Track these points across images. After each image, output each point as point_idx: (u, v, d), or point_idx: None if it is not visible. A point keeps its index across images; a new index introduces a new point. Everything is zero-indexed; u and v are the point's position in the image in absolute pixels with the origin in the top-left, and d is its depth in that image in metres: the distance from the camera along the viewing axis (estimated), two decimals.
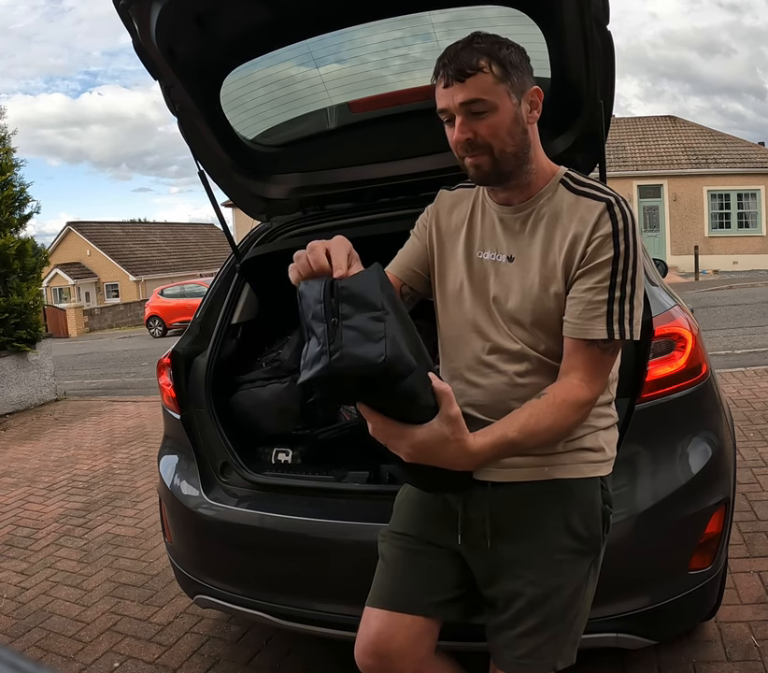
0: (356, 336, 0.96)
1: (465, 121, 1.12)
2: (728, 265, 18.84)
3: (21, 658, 0.40)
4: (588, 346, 1.13)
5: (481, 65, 1.09)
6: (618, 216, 1.12)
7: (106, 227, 33.46)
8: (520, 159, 1.16)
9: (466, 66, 1.09)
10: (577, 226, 1.14)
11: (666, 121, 22.18)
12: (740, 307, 10.10)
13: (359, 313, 0.98)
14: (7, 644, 2.33)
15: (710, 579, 1.61)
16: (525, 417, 1.08)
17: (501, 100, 1.11)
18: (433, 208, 1.36)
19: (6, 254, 6.81)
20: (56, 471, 4.50)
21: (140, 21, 1.63)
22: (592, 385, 1.13)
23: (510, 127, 1.12)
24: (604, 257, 1.11)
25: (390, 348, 0.95)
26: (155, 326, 17.73)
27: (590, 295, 1.12)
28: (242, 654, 2.17)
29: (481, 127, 1.11)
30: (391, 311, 0.99)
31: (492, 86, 1.10)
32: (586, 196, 1.16)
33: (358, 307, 0.99)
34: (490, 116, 1.11)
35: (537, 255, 1.17)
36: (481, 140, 1.12)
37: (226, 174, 2.21)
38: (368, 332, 0.96)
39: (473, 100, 1.10)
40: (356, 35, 1.92)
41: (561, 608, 1.18)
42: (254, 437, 2.15)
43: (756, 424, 3.81)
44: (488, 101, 1.10)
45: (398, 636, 1.23)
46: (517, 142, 1.14)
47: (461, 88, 1.10)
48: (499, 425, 1.08)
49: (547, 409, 1.09)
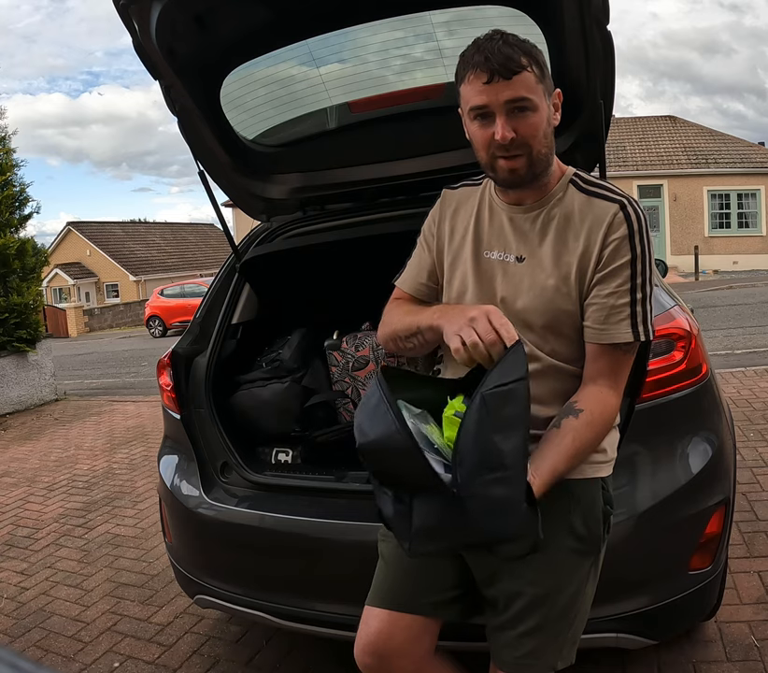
0: (484, 507, 0.89)
1: (508, 119, 1.09)
2: (728, 265, 18.83)
3: (21, 658, 0.40)
4: (614, 350, 1.14)
5: (524, 64, 1.06)
6: (632, 217, 1.13)
7: (107, 227, 33.43)
8: (549, 161, 1.16)
9: (513, 64, 1.05)
10: (591, 228, 1.14)
11: (666, 120, 22.16)
12: (740, 307, 10.09)
13: (478, 478, 0.89)
14: (7, 644, 2.33)
15: (710, 580, 1.61)
16: (570, 443, 1.08)
17: (540, 100, 1.09)
18: (438, 212, 1.34)
19: (6, 254, 6.81)
20: (56, 471, 4.50)
21: (140, 20, 1.63)
22: (619, 389, 1.16)
23: (545, 128, 1.12)
24: (622, 260, 1.12)
25: (521, 517, 0.90)
26: (155, 326, 17.72)
27: (612, 300, 1.13)
28: (242, 654, 2.17)
29: (523, 126, 1.09)
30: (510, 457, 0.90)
31: (535, 85, 1.08)
32: (597, 197, 1.17)
33: (473, 470, 0.90)
34: (531, 115, 1.09)
35: (549, 256, 1.17)
36: (521, 140, 1.10)
37: (226, 174, 2.21)
38: (496, 503, 0.89)
39: (521, 98, 1.07)
40: (356, 35, 1.91)
41: (561, 608, 1.18)
42: (254, 437, 2.15)
43: (756, 424, 3.81)
44: (533, 100, 1.08)
45: (398, 635, 1.23)
46: (548, 143, 1.14)
47: (506, 85, 1.06)
48: (549, 460, 1.07)
49: (588, 429, 1.10)
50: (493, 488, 0.89)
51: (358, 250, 2.14)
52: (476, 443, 0.91)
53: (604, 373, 1.15)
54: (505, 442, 0.90)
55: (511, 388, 0.93)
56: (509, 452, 0.90)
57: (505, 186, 1.20)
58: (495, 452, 0.89)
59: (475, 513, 0.89)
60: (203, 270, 29.41)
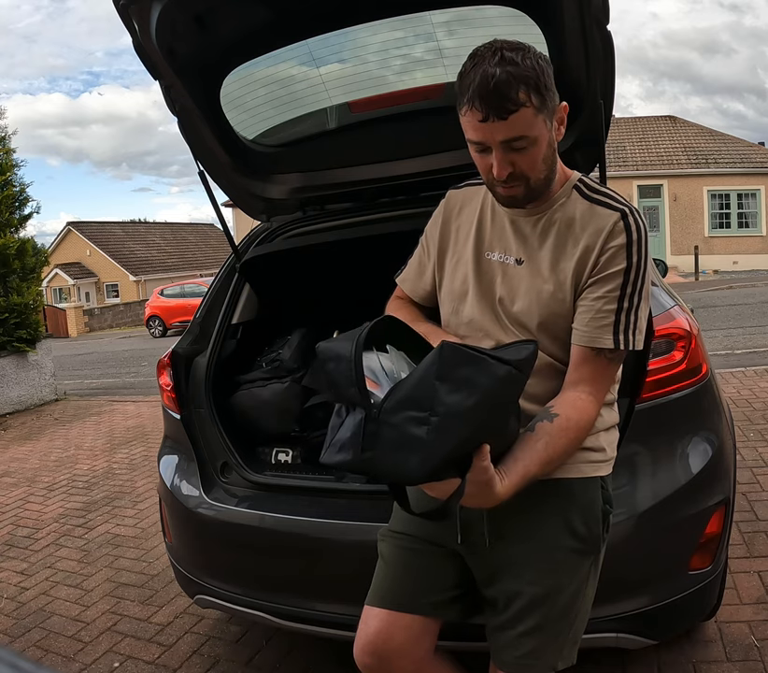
0: (394, 439, 0.90)
1: (504, 156, 1.08)
2: (728, 265, 18.84)
3: (21, 658, 0.40)
4: (596, 355, 1.14)
5: (523, 100, 1.02)
6: (632, 227, 1.13)
7: (107, 227, 33.45)
8: (550, 178, 1.16)
9: (509, 103, 1.02)
10: (590, 235, 1.15)
11: (666, 120, 22.17)
12: (740, 307, 10.10)
13: (402, 411, 0.91)
14: (7, 644, 2.33)
15: (710, 580, 1.61)
16: (543, 448, 1.07)
17: (540, 132, 1.07)
18: (442, 214, 1.35)
19: (6, 254, 6.81)
20: (56, 471, 4.50)
21: (140, 20, 1.63)
22: (599, 396, 1.16)
23: (546, 154, 1.11)
24: (616, 267, 1.12)
25: (426, 464, 0.89)
26: (155, 326, 17.73)
27: (599, 304, 1.13)
28: (242, 654, 2.17)
29: (521, 161, 1.09)
30: (446, 406, 0.90)
31: (533, 119, 1.05)
32: (600, 204, 1.17)
33: (402, 402, 0.91)
34: (530, 149, 1.08)
35: (547, 261, 1.18)
36: (519, 172, 1.10)
37: (226, 174, 2.21)
38: (407, 438, 0.89)
39: (517, 138, 1.06)
40: (356, 35, 1.91)
41: (561, 607, 1.18)
42: (254, 437, 2.15)
43: (756, 424, 3.81)
44: (530, 137, 1.06)
45: (397, 635, 1.23)
46: (549, 166, 1.13)
47: (502, 125, 1.04)
48: (520, 463, 1.06)
49: (562, 434, 1.09)
50: (412, 426, 0.90)
51: (358, 250, 2.14)
52: (416, 380, 0.94)
53: (585, 379, 1.15)
54: (450, 395, 0.91)
55: (485, 359, 0.94)
56: (448, 404, 0.91)
57: (505, 207, 1.21)
58: (430, 396, 0.91)
59: (385, 442, 0.90)
60: (203, 270, 29.42)
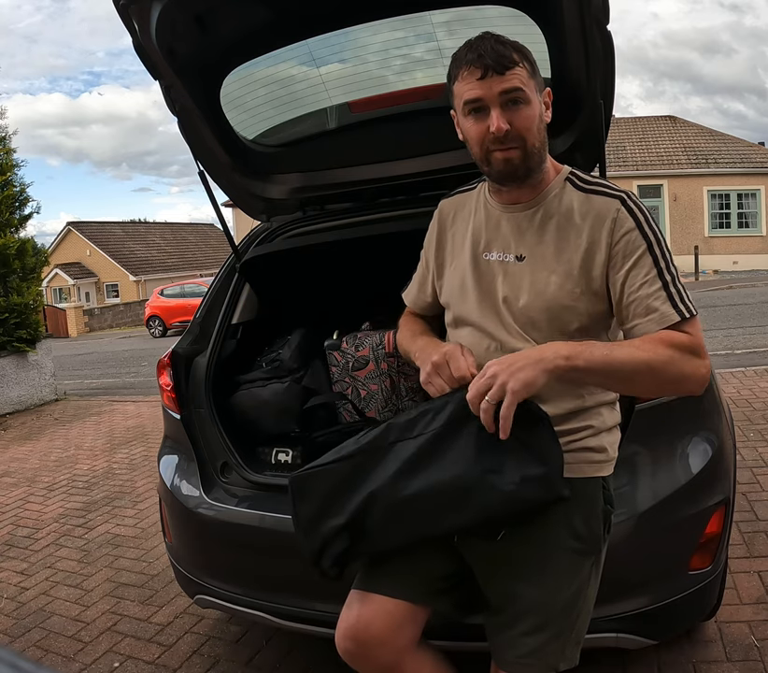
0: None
1: (503, 112, 1.12)
2: (728, 265, 18.84)
3: (21, 658, 0.40)
4: (677, 334, 1.10)
5: (517, 60, 1.11)
6: (635, 210, 1.15)
7: (107, 227, 33.44)
8: (542, 156, 1.18)
9: (506, 60, 1.10)
10: (593, 224, 1.15)
11: (666, 120, 22.18)
12: (740, 307, 10.10)
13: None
14: (7, 644, 2.33)
15: (710, 580, 1.61)
16: (620, 344, 1.10)
17: (533, 94, 1.13)
18: (437, 224, 1.37)
19: (6, 254, 6.81)
20: (56, 471, 4.50)
21: (140, 20, 1.63)
22: (699, 350, 1.10)
23: (538, 123, 1.15)
24: (639, 250, 1.13)
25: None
26: (155, 326, 17.72)
27: (647, 289, 1.12)
28: (242, 654, 2.17)
29: (518, 119, 1.12)
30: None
31: (527, 79, 1.12)
32: (596, 194, 1.18)
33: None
34: (525, 108, 1.13)
35: (551, 254, 1.18)
36: (516, 132, 1.13)
37: (226, 174, 2.21)
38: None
39: (515, 89, 1.11)
40: (356, 35, 1.91)
41: (562, 607, 1.18)
42: (254, 437, 2.15)
43: (756, 424, 3.81)
44: (526, 92, 1.12)
45: (378, 621, 1.20)
46: (542, 139, 1.16)
47: (500, 79, 1.10)
48: (608, 346, 1.09)
49: (642, 341, 1.09)
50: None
51: (358, 250, 2.14)
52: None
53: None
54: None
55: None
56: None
57: (501, 179, 1.20)
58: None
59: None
60: (203, 270, 29.41)
